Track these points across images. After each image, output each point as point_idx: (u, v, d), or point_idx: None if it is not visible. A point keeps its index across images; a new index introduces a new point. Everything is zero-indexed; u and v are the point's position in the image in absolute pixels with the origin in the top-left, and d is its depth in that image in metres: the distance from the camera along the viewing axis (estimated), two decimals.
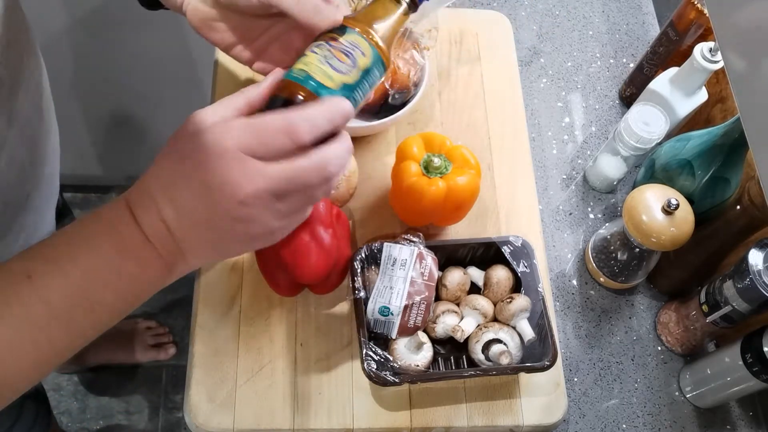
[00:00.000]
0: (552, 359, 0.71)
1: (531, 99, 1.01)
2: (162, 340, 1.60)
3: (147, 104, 1.47)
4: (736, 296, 0.73)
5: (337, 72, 0.53)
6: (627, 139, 0.84)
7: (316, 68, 0.53)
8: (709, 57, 0.83)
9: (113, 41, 1.29)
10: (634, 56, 1.07)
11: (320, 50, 0.54)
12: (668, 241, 0.77)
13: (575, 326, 0.86)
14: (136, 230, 0.46)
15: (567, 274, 0.90)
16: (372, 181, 0.86)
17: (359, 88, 0.55)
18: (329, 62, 0.53)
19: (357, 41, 0.55)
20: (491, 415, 0.75)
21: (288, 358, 0.75)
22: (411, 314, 0.71)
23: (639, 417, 0.82)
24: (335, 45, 0.54)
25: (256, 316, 0.77)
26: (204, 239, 0.47)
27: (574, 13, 1.10)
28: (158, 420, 1.58)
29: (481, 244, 0.79)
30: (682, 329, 0.84)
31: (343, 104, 0.50)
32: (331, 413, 0.73)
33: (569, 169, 0.97)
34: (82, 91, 1.42)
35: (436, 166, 0.75)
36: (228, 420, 0.71)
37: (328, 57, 0.53)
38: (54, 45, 1.25)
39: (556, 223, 0.93)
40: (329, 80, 0.52)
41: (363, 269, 0.74)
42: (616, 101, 1.03)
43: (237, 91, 0.53)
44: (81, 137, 1.56)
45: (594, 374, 0.84)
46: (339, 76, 0.53)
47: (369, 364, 0.69)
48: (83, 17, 1.24)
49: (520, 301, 0.74)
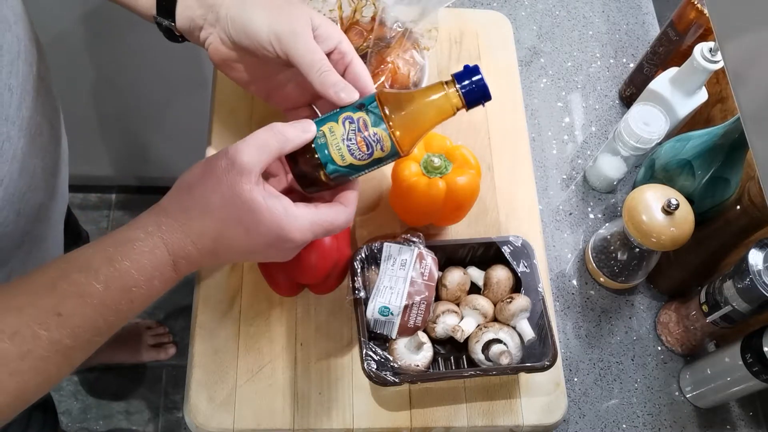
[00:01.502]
0: (552, 359, 0.71)
1: (531, 99, 1.01)
2: (162, 340, 1.60)
3: (148, 104, 1.47)
4: (736, 296, 0.73)
5: (351, 156, 0.57)
6: (627, 139, 0.84)
7: (335, 143, 0.56)
8: (709, 57, 0.83)
9: (115, 41, 1.29)
10: (634, 56, 1.07)
11: (348, 126, 0.57)
12: (668, 241, 0.77)
13: (575, 326, 0.86)
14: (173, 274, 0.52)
15: (567, 274, 0.90)
16: (372, 181, 0.86)
17: (364, 171, 0.58)
18: (349, 144, 0.56)
19: (382, 138, 0.57)
20: (491, 415, 0.75)
21: (288, 358, 0.75)
22: (411, 314, 0.71)
23: (639, 417, 0.82)
24: (362, 131, 0.56)
25: (256, 316, 0.77)
26: (231, 260, 0.56)
27: (574, 13, 1.10)
28: (158, 420, 1.58)
29: (481, 244, 0.79)
30: (682, 329, 0.84)
31: None
32: (331, 413, 0.73)
33: (569, 169, 0.97)
34: (82, 91, 1.42)
35: (436, 166, 0.75)
36: (228, 420, 0.71)
37: (351, 139, 0.56)
38: (56, 44, 1.25)
39: (556, 223, 0.93)
40: (340, 159, 0.57)
41: (363, 269, 0.74)
42: (616, 101, 1.03)
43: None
44: (81, 137, 1.55)
45: (594, 374, 0.84)
46: (351, 159, 0.57)
47: (369, 364, 0.69)
48: (86, 17, 1.24)
49: (520, 301, 0.74)
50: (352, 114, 0.57)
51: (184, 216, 0.51)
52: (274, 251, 0.55)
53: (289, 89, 0.66)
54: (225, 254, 0.53)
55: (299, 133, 0.55)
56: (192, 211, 0.51)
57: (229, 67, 0.64)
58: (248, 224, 0.52)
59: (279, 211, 0.52)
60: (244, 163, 0.51)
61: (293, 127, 0.55)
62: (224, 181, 0.51)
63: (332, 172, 0.57)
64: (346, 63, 0.61)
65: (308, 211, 0.55)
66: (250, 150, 0.52)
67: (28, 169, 0.61)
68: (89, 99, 1.45)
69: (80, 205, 1.76)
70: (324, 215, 0.56)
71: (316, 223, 0.55)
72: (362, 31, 0.83)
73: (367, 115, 0.57)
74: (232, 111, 0.88)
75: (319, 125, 0.57)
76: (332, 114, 0.58)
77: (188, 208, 0.51)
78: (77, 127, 1.52)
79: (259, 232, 0.52)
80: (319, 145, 0.56)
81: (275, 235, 0.53)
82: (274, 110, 0.88)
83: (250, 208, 0.51)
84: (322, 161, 0.57)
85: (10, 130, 0.56)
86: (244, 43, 0.60)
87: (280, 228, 0.52)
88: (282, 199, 0.53)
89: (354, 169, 0.58)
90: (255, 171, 0.52)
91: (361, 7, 0.82)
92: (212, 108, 0.88)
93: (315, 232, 0.55)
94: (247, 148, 0.52)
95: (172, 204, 0.52)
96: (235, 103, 0.88)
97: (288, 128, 0.55)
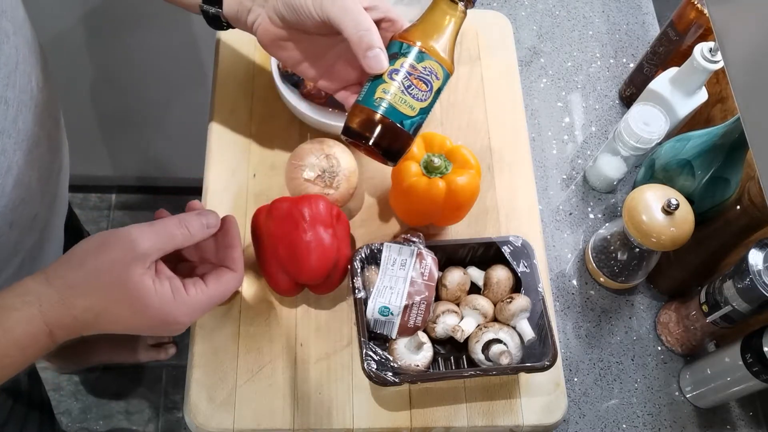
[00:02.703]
0: (552, 359, 0.71)
1: (531, 99, 1.01)
2: (162, 340, 1.60)
3: (148, 104, 1.47)
4: (736, 296, 0.73)
5: (416, 100, 0.57)
6: (627, 139, 0.84)
7: (397, 99, 0.56)
8: (709, 57, 0.83)
9: (115, 41, 1.29)
10: (634, 56, 1.07)
11: (399, 77, 0.57)
12: (668, 241, 0.77)
13: (575, 326, 0.86)
14: (49, 342, 0.51)
15: (567, 274, 0.90)
16: (372, 181, 0.86)
17: (430, 110, 0.58)
18: (410, 91, 0.57)
19: (433, 67, 0.58)
20: (491, 415, 0.75)
21: (288, 358, 0.75)
22: (411, 314, 0.71)
23: (639, 417, 0.82)
24: (413, 73, 0.57)
25: (256, 316, 0.77)
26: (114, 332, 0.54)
27: (574, 13, 1.10)
28: (158, 420, 1.58)
29: (481, 244, 0.79)
30: (682, 329, 0.84)
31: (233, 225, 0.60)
32: (331, 413, 0.73)
33: (569, 169, 0.97)
34: (83, 91, 1.42)
35: (436, 166, 0.75)
36: (228, 420, 0.71)
37: (408, 86, 0.57)
38: (56, 44, 1.25)
39: (556, 223, 0.93)
40: (411, 110, 0.57)
41: (363, 269, 0.74)
42: (616, 101, 1.03)
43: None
44: (81, 137, 1.55)
45: (594, 374, 0.84)
46: (419, 104, 0.57)
47: (369, 364, 0.69)
48: (86, 17, 1.24)
49: (520, 301, 0.74)
50: (394, 66, 0.57)
51: (68, 292, 0.50)
52: (162, 330, 0.55)
53: (338, 67, 0.65)
54: (108, 328, 0.53)
55: (203, 228, 0.56)
56: (78, 288, 0.50)
57: (279, 47, 0.64)
58: (135, 307, 0.51)
59: (167, 296, 0.52)
60: (142, 250, 0.51)
61: (199, 222, 0.55)
62: (118, 262, 0.51)
63: (410, 126, 0.57)
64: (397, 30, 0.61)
65: (198, 292, 0.55)
66: (151, 238, 0.52)
67: (22, 182, 0.60)
68: (89, 99, 1.45)
69: (80, 205, 1.76)
70: (213, 291, 0.56)
71: (207, 302, 0.55)
72: None
73: (408, 57, 0.58)
74: (232, 111, 0.88)
75: (368, 98, 0.57)
76: (373, 81, 0.58)
77: (75, 284, 0.50)
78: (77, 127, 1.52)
79: (145, 314, 0.52)
80: (387, 112, 0.56)
81: (162, 319, 0.53)
82: (273, 110, 0.88)
83: (139, 293, 0.51)
84: (398, 121, 0.56)
85: (5, 143, 0.56)
86: (292, 18, 0.60)
87: (167, 313, 0.53)
88: (173, 281, 0.53)
89: (424, 112, 0.58)
90: (150, 259, 0.52)
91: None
92: (212, 108, 0.88)
93: (205, 310, 0.56)
94: (149, 236, 0.52)
95: (58, 277, 0.51)
96: (235, 103, 0.88)
97: (194, 223, 0.55)
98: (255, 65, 0.91)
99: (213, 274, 0.57)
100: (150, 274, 0.52)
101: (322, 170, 0.78)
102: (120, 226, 0.52)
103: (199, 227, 0.55)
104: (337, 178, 0.79)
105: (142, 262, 0.51)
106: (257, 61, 0.91)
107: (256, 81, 0.90)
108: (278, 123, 0.88)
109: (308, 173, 0.78)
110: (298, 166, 0.79)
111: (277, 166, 0.85)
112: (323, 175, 0.78)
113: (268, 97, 0.89)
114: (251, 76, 0.90)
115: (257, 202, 0.79)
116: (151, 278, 0.51)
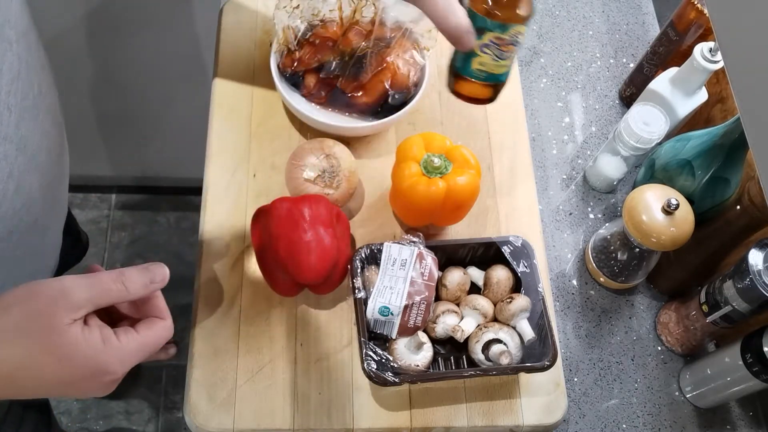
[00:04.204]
0: (552, 359, 0.71)
1: (531, 99, 1.01)
2: None
3: (148, 104, 1.47)
4: (736, 296, 0.73)
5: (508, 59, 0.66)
6: (627, 139, 0.84)
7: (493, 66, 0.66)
8: (709, 57, 0.83)
9: (115, 41, 1.29)
10: (634, 56, 1.07)
11: (491, 50, 0.65)
12: (668, 241, 0.77)
13: (575, 326, 0.86)
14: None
15: (567, 274, 0.90)
16: (372, 181, 0.86)
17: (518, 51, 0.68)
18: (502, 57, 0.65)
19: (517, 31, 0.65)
20: (491, 415, 0.75)
21: (288, 358, 0.75)
22: (411, 314, 0.71)
23: (639, 417, 0.82)
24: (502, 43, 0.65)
25: (256, 316, 0.77)
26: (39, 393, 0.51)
27: (574, 13, 1.10)
28: (158, 420, 1.58)
29: (481, 244, 0.79)
30: (682, 329, 0.84)
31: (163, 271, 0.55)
32: (331, 413, 0.73)
33: (569, 169, 0.97)
34: (83, 91, 1.42)
35: (436, 166, 0.75)
36: (228, 420, 0.71)
37: (502, 54, 0.65)
38: (56, 44, 1.25)
39: (556, 223, 0.93)
40: (505, 68, 0.67)
41: (363, 269, 0.74)
42: (616, 101, 1.03)
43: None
44: (81, 137, 1.56)
45: (594, 374, 0.84)
46: (508, 61, 0.66)
47: (369, 364, 0.69)
48: (86, 17, 1.24)
49: (520, 301, 0.74)
50: (482, 41, 0.64)
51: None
52: (93, 384, 0.51)
53: None
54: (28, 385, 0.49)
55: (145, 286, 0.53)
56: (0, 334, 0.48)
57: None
58: (61, 355, 0.48)
59: (97, 343, 0.49)
60: (73, 301, 0.49)
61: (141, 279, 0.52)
62: (46, 311, 0.48)
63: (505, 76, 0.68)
64: None
65: (130, 338, 0.52)
66: (85, 290, 0.49)
67: (23, 188, 0.60)
68: (89, 99, 1.45)
69: (80, 205, 1.76)
70: (145, 338, 0.53)
71: (139, 350, 0.52)
72: (362, 31, 0.83)
73: (494, 31, 0.64)
74: (232, 111, 0.88)
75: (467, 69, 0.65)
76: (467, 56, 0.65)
77: None
78: (77, 127, 1.52)
79: (72, 364, 0.49)
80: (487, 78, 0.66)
81: (91, 368, 0.49)
82: (273, 110, 0.88)
83: (66, 340, 0.48)
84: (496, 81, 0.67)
85: (7, 149, 0.56)
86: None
87: (97, 361, 0.49)
88: (103, 329, 0.51)
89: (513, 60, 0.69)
90: (81, 311, 0.49)
91: (361, 7, 0.82)
92: (212, 108, 0.88)
93: (138, 359, 0.53)
94: (83, 288, 0.49)
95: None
96: (235, 103, 0.88)
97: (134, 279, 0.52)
98: (255, 65, 0.91)
99: (144, 322, 0.54)
100: (79, 324, 0.49)
101: (322, 170, 0.78)
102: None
103: (141, 285, 0.52)
104: (337, 178, 0.79)
105: (72, 312, 0.48)
106: (257, 61, 0.91)
107: (256, 81, 0.90)
108: (278, 123, 0.88)
109: (308, 173, 0.78)
110: (298, 166, 0.79)
111: (277, 166, 0.85)
112: (323, 175, 0.78)
113: (268, 97, 0.89)
114: (251, 76, 0.90)
115: (257, 202, 0.79)
116: (80, 327, 0.49)
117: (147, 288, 0.53)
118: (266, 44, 0.91)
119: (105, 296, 0.50)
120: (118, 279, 0.51)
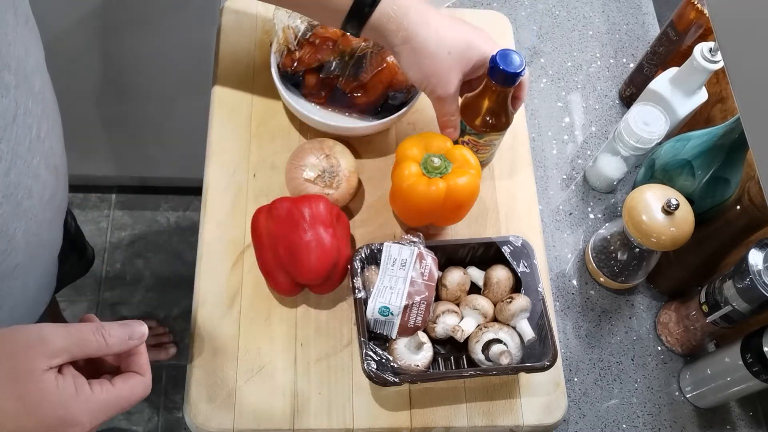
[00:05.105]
0: (552, 359, 0.71)
1: (531, 99, 1.01)
2: (162, 340, 1.60)
3: (149, 104, 1.47)
4: (736, 296, 0.73)
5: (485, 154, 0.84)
6: (627, 139, 0.84)
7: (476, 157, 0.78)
8: (709, 57, 0.83)
9: (116, 41, 1.29)
10: (634, 56, 1.07)
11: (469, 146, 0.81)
12: (668, 241, 0.77)
13: (575, 326, 0.86)
14: None
15: (567, 274, 0.90)
16: (372, 181, 0.86)
17: None
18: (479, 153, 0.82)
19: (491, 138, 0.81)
20: (491, 415, 0.75)
21: (288, 358, 0.75)
22: (411, 314, 0.71)
23: (639, 417, 0.82)
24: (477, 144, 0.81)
25: (256, 316, 0.77)
26: None
27: (574, 13, 1.10)
28: (158, 420, 1.58)
29: (481, 244, 0.79)
30: (682, 329, 0.84)
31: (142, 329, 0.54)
32: (331, 413, 0.73)
33: (569, 169, 0.97)
34: (83, 91, 1.42)
35: (436, 167, 0.75)
36: (228, 420, 0.71)
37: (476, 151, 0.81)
38: (57, 44, 1.25)
39: (556, 223, 0.93)
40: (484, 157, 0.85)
41: (363, 269, 0.74)
42: (616, 101, 1.03)
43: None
44: (81, 137, 1.56)
45: (594, 374, 0.84)
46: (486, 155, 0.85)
47: (369, 364, 0.69)
48: (87, 17, 1.24)
49: (520, 301, 0.74)
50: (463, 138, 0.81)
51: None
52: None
53: None
54: None
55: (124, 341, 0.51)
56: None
57: None
58: (29, 401, 0.46)
59: (69, 392, 0.47)
60: (49, 349, 0.47)
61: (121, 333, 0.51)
62: (20, 355, 0.46)
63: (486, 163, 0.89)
64: None
65: (104, 390, 0.50)
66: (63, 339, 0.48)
67: (5, 234, 0.58)
68: (90, 99, 1.45)
69: (80, 205, 1.76)
70: (120, 391, 0.51)
71: (112, 403, 0.50)
72: None
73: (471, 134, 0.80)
74: (232, 111, 0.88)
75: None
76: None
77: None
78: (77, 127, 1.52)
79: (38, 412, 0.46)
80: None
81: (58, 417, 0.47)
82: (273, 110, 0.88)
83: (36, 386, 0.46)
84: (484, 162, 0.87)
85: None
86: None
87: (65, 410, 0.47)
88: (77, 378, 0.49)
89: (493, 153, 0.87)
90: (57, 360, 0.47)
91: None
92: (212, 108, 0.88)
93: (110, 413, 0.50)
94: (61, 337, 0.48)
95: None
96: (235, 103, 0.88)
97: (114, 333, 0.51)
98: (255, 65, 0.91)
99: (121, 376, 0.52)
100: (53, 372, 0.47)
101: (322, 170, 0.78)
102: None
103: (120, 340, 0.51)
104: (337, 178, 0.79)
105: (48, 359, 0.47)
106: (257, 62, 0.91)
107: (256, 81, 0.90)
108: (278, 123, 0.88)
109: (308, 173, 0.78)
110: (298, 166, 0.79)
111: (277, 166, 0.85)
112: (323, 175, 0.78)
113: (268, 97, 0.89)
114: (251, 76, 0.90)
115: (257, 202, 0.79)
116: (53, 374, 0.47)
117: (125, 344, 0.51)
118: (266, 44, 0.91)
119: (83, 347, 0.49)
120: (98, 331, 0.50)
